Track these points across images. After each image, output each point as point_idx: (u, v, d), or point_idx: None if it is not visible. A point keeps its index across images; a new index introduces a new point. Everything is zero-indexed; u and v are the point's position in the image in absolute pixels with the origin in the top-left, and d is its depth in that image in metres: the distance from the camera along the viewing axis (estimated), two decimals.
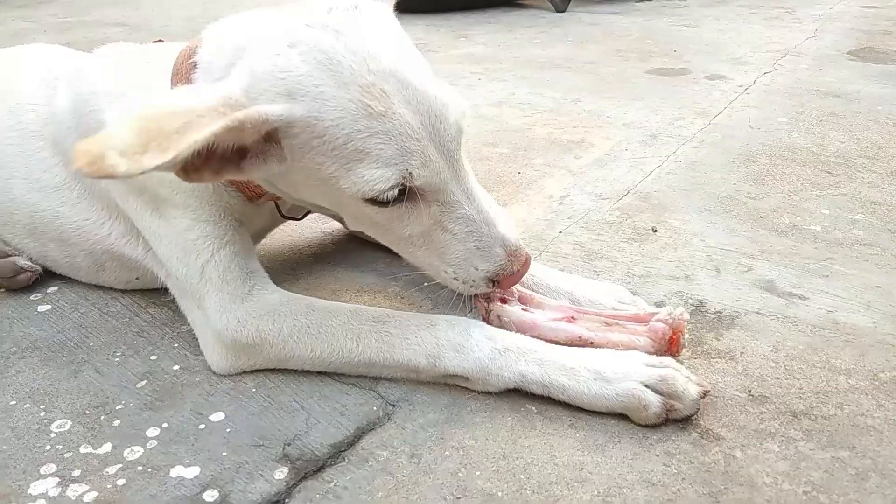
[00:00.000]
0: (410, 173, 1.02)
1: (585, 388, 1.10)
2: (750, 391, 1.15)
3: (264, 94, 0.98)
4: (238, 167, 1.01)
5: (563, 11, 4.23)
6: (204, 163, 0.95)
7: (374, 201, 1.04)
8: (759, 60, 3.04)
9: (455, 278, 1.15)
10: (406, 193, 1.04)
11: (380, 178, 1.00)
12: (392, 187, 1.01)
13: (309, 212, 1.43)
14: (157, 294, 1.44)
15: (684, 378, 1.09)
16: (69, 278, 1.52)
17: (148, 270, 1.37)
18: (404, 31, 1.10)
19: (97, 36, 3.84)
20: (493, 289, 1.17)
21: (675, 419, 1.08)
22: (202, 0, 4.80)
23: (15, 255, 1.50)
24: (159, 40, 1.46)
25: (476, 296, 1.22)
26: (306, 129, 0.99)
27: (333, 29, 1.00)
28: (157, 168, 0.84)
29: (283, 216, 1.37)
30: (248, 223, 1.29)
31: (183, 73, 1.14)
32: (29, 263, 1.49)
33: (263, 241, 1.55)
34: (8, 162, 1.41)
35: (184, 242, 1.22)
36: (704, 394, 1.09)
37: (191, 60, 1.13)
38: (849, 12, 3.91)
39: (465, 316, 1.21)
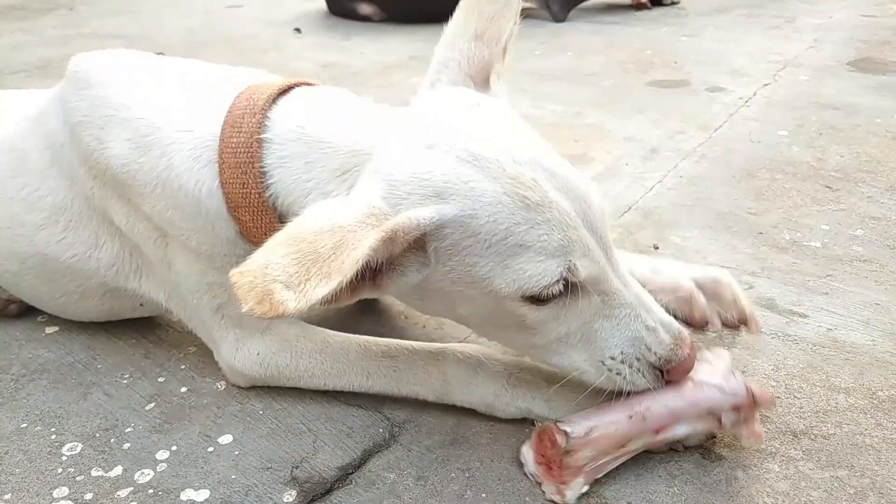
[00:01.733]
0: (575, 265, 0.93)
1: None
2: None
3: (408, 198, 0.90)
4: (375, 284, 0.92)
5: (561, 21, 4.25)
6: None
7: (535, 299, 0.94)
8: (760, 71, 3.05)
9: (618, 372, 1.01)
10: (568, 287, 0.95)
11: (544, 272, 0.91)
12: (557, 281, 0.92)
13: None
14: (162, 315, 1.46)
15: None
16: None
17: (148, 299, 1.31)
18: (525, 122, 1.04)
19: (96, 48, 3.79)
20: (657, 384, 1.03)
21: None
22: (202, 12, 4.82)
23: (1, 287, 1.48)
24: (160, 54, 1.43)
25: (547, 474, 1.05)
26: (458, 228, 0.91)
27: (466, 126, 0.96)
28: (324, 298, 0.78)
29: None
30: None
31: (244, 148, 1.06)
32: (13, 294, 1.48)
33: None
34: None
35: (197, 281, 1.18)
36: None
37: (259, 136, 1.06)
38: (848, 21, 3.92)
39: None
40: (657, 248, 1.68)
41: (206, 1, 5.20)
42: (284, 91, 1.13)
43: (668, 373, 1.02)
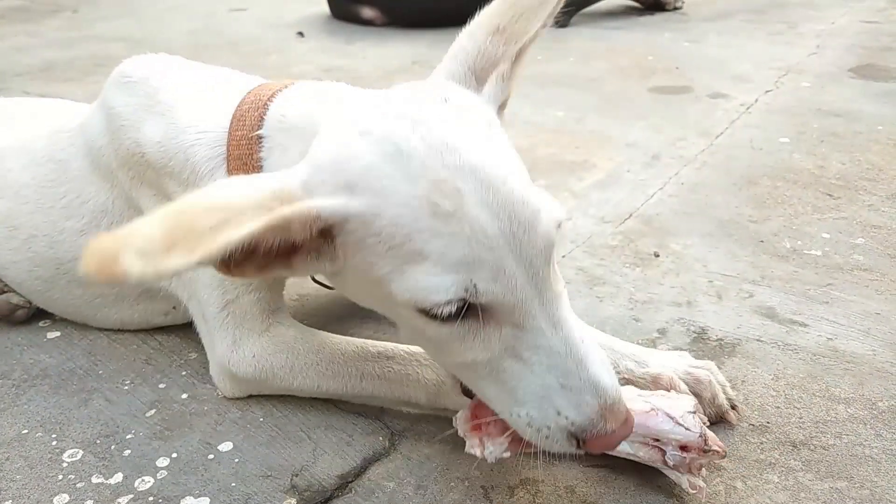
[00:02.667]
0: (476, 286, 0.83)
1: None
2: (750, 421, 1.17)
3: (322, 185, 0.86)
4: (286, 263, 0.89)
5: (565, 26, 4.25)
6: (246, 258, 0.84)
7: (429, 314, 0.86)
8: (762, 78, 3.05)
9: (528, 424, 0.91)
10: (468, 311, 0.86)
11: (437, 287, 0.83)
12: (450, 301, 0.83)
13: None
14: None
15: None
16: None
17: (178, 299, 1.35)
18: (503, 131, 0.96)
19: (100, 51, 3.87)
20: (575, 450, 0.92)
21: None
22: (204, 14, 4.83)
23: (9, 292, 1.51)
24: None
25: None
26: (362, 225, 0.86)
27: (412, 119, 0.87)
28: (178, 270, 0.73)
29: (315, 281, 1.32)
30: None
31: (245, 141, 1.11)
32: (23, 300, 1.50)
33: None
34: (26, 222, 1.41)
35: (212, 276, 1.21)
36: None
37: (255, 133, 1.10)
38: (850, 27, 3.92)
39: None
40: (658, 255, 1.68)
41: (210, 4, 5.21)
42: (287, 87, 1.16)
43: (584, 443, 0.90)
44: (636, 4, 4.69)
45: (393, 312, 0.96)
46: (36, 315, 1.52)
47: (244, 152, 1.12)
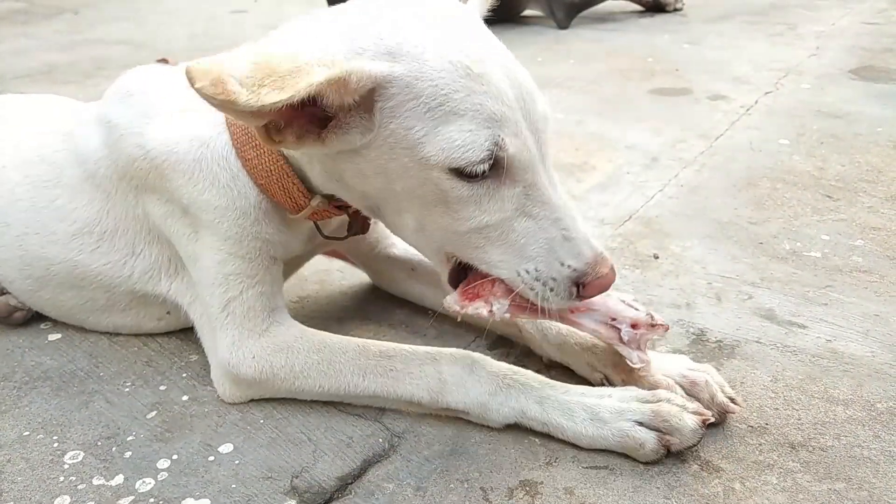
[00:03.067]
0: (503, 140, 0.97)
1: (583, 430, 1.12)
2: (749, 422, 1.17)
3: (364, 53, 0.96)
4: (319, 137, 0.99)
5: (565, 28, 4.26)
6: (288, 123, 0.96)
7: (461, 173, 0.98)
8: (761, 80, 3.06)
9: (536, 279, 1.05)
10: (491, 169, 0.98)
11: (472, 144, 0.95)
12: (482, 158, 0.96)
13: (351, 229, 1.34)
14: None
15: (678, 410, 1.10)
16: None
17: (174, 304, 1.36)
18: None
19: (100, 54, 3.89)
20: (572, 301, 1.07)
21: (677, 451, 1.10)
22: (205, 18, 4.84)
23: (7, 294, 1.51)
24: (163, 59, 1.47)
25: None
26: (404, 88, 0.96)
27: (430, 13, 1.02)
28: (273, 105, 0.85)
29: (324, 237, 1.32)
30: (284, 251, 1.28)
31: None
32: (21, 301, 1.51)
33: None
34: (19, 219, 1.41)
35: (216, 272, 1.23)
36: (704, 422, 1.11)
37: None
38: (850, 28, 3.93)
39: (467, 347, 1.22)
40: (657, 257, 1.68)
41: (211, 7, 5.22)
42: None
43: (584, 287, 1.04)
44: (636, 6, 4.70)
45: (412, 188, 1.03)
46: (37, 318, 1.52)
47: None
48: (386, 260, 1.53)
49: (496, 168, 0.99)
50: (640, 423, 1.10)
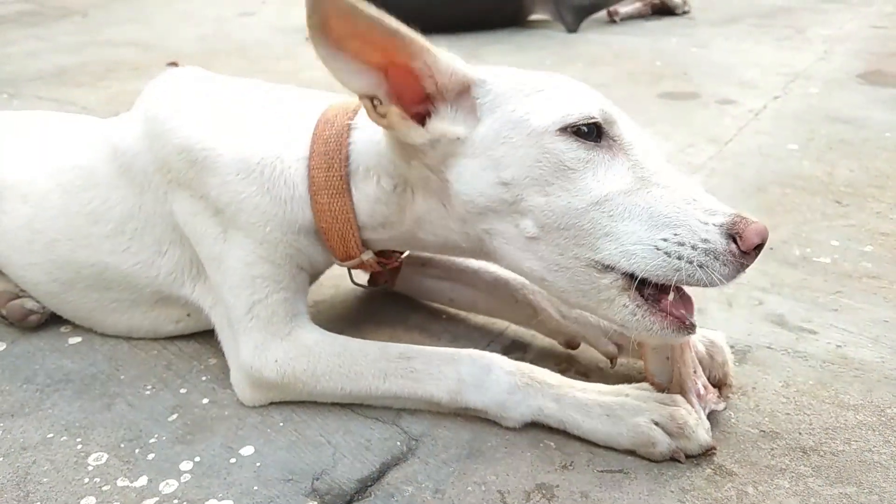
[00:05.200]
0: (606, 110, 1.02)
1: (599, 425, 1.14)
2: (761, 427, 1.19)
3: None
4: (423, 126, 1.07)
5: (574, 31, 4.28)
6: (393, 100, 1.05)
7: (575, 132, 1.00)
8: (770, 84, 3.07)
9: (680, 244, 0.95)
10: (602, 140, 1.01)
11: (582, 103, 1.01)
12: (589, 114, 1.00)
13: (377, 283, 1.48)
14: None
15: (695, 420, 1.13)
16: None
17: (195, 307, 1.39)
18: None
19: (110, 56, 3.91)
20: (741, 263, 0.96)
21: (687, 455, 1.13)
22: (213, 20, 4.87)
23: (24, 297, 1.54)
24: (173, 63, 1.51)
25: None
26: (498, 84, 1.07)
27: None
28: (390, 28, 0.99)
29: (351, 279, 1.44)
30: (313, 268, 1.32)
31: (332, 152, 1.22)
32: (37, 305, 1.53)
33: None
34: (51, 225, 1.43)
35: (242, 274, 1.25)
36: (711, 448, 1.13)
37: (345, 148, 1.22)
38: (858, 33, 3.94)
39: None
40: None
41: (219, 9, 5.25)
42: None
43: (741, 238, 0.95)
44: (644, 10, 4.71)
45: (525, 162, 1.03)
46: (57, 321, 1.55)
47: (332, 148, 1.21)
48: None
49: (605, 139, 1.02)
50: (656, 423, 1.12)
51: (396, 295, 1.60)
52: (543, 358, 1.37)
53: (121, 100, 2.90)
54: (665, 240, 0.96)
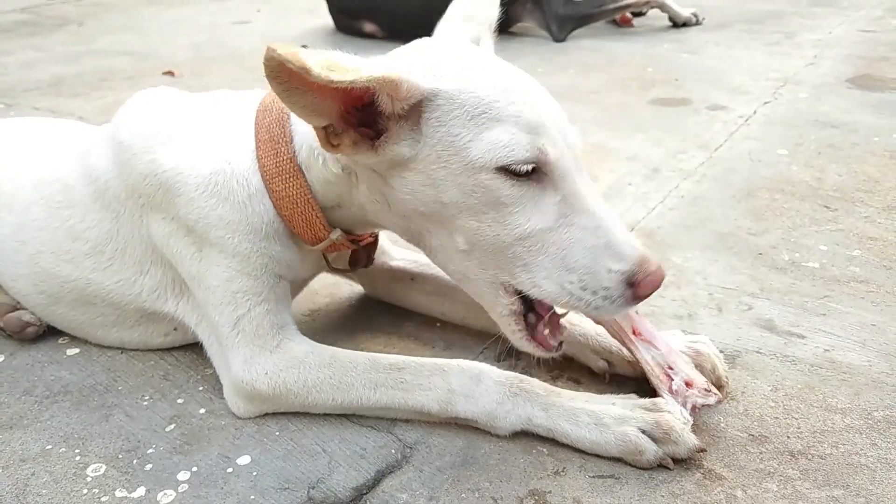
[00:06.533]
0: (544, 146, 1.04)
1: (587, 434, 1.17)
2: (750, 431, 1.21)
3: (414, 71, 1.06)
4: (372, 146, 1.07)
5: (561, 41, 4.29)
6: (346, 129, 1.05)
7: (507, 172, 1.04)
8: (759, 89, 3.10)
9: (583, 288, 1.07)
10: (533, 174, 1.06)
11: (517, 143, 1.03)
12: (526, 157, 1.03)
13: (357, 263, 1.43)
14: None
15: (681, 425, 1.15)
16: None
17: (181, 322, 1.40)
18: None
19: (105, 65, 3.92)
20: (631, 304, 1.08)
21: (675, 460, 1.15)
22: (208, 28, 4.88)
23: (21, 310, 1.55)
24: (169, 71, 1.52)
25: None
26: (448, 100, 1.06)
27: (470, 51, 1.17)
28: (339, 82, 0.94)
29: (331, 268, 1.41)
30: (290, 272, 1.32)
31: (276, 124, 1.24)
32: (34, 317, 1.54)
33: None
34: (34, 237, 1.44)
35: (223, 291, 1.26)
36: (700, 450, 1.15)
37: (287, 130, 1.23)
38: (847, 37, 3.97)
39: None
40: None
41: (214, 17, 5.26)
42: None
43: (638, 286, 1.06)
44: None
45: (463, 189, 1.08)
46: (54, 333, 1.56)
47: (276, 134, 1.23)
48: (385, 272, 1.58)
49: (538, 174, 1.06)
50: (643, 431, 1.14)
51: (391, 304, 1.62)
52: (535, 365, 1.39)
53: (115, 110, 2.88)
54: (571, 282, 1.08)
